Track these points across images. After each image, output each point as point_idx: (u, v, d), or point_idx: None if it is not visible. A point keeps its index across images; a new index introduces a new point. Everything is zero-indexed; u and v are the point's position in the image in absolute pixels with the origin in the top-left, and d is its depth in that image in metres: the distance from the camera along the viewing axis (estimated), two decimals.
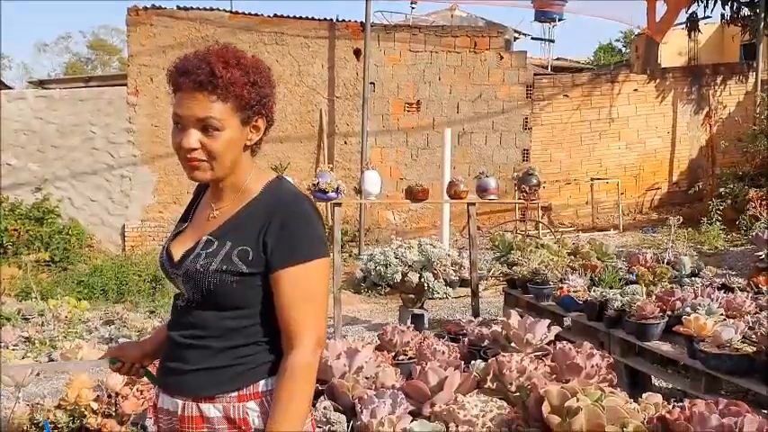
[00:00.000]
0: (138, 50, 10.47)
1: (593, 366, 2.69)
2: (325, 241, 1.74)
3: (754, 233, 6.56)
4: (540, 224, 10.63)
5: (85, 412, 2.95)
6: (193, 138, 1.61)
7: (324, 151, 10.82)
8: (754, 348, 3.15)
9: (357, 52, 10.86)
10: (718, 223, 9.35)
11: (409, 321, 5.37)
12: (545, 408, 2.22)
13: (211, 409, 1.69)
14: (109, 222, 10.68)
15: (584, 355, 2.73)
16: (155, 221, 10.56)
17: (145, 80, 10.43)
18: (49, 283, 8.33)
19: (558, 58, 21.21)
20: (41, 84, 13.96)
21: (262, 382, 1.72)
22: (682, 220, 8.57)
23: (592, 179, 11.64)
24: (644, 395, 2.44)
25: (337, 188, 5.16)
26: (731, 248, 8.91)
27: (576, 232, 10.66)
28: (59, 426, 2.92)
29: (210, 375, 1.71)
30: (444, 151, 9.11)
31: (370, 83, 10.83)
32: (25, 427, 2.93)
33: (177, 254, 1.74)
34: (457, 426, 2.35)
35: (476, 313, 5.48)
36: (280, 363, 1.76)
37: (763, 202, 3.68)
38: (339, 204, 5.37)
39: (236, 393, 1.69)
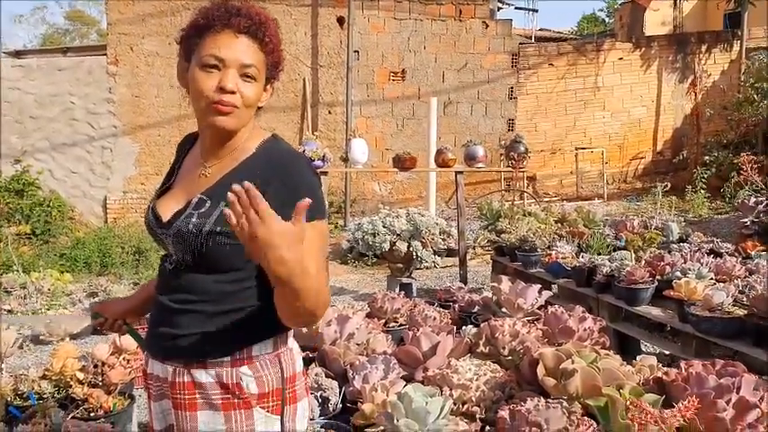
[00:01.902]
0: (117, 18, 10.22)
1: (585, 330, 2.67)
2: (325, 202, 1.70)
3: (739, 200, 6.58)
4: (526, 194, 10.63)
5: (71, 382, 2.89)
6: (234, 80, 1.57)
7: (308, 121, 10.70)
8: (746, 311, 3.16)
9: (341, 20, 10.70)
10: (702, 191, 9.40)
11: (398, 290, 5.35)
12: (540, 370, 2.20)
13: (203, 375, 1.64)
14: (90, 194, 10.53)
15: (576, 319, 2.71)
16: (137, 193, 10.43)
17: (125, 49, 10.20)
18: (30, 255, 8.21)
19: (541, 29, 21.07)
20: (18, 54, 13.63)
21: (255, 347, 1.67)
22: (668, 186, 8.62)
23: (576, 149, 11.64)
24: (638, 357, 2.43)
25: (323, 156, 5.09)
26: (715, 216, 8.96)
27: (560, 202, 10.66)
28: (44, 396, 2.87)
29: (202, 341, 1.66)
30: (430, 121, 9.04)
31: (355, 51, 10.70)
32: (9, 399, 2.87)
33: (166, 214, 1.67)
34: (451, 389, 2.32)
35: (464, 281, 5.47)
36: (273, 327, 1.72)
37: (755, 166, 3.67)
38: (325, 173, 5.31)
39: (228, 358, 1.65)
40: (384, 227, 5.33)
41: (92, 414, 2.73)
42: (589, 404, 2.06)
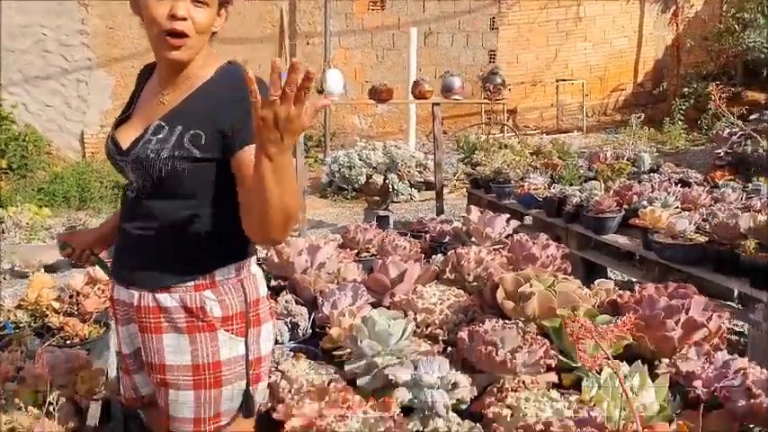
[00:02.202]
0: None
1: (548, 256, 2.75)
2: None
3: (714, 131, 6.65)
4: (506, 127, 10.61)
5: (47, 312, 2.95)
6: (185, 7, 1.55)
7: (285, 52, 10.51)
8: (707, 238, 3.25)
9: None
10: (680, 123, 9.43)
11: (374, 223, 5.40)
12: (500, 294, 2.27)
13: (168, 299, 1.69)
14: (67, 128, 10.37)
15: (539, 246, 2.78)
16: None
17: None
18: (7, 190, 8.17)
19: None
20: None
21: (218, 272, 1.72)
22: (644, 118, 8.63)
23: (557, 81, 11.56)
24: (596, 282, 2.51)
25: None
26: (692, 148, 9.03)
27: (540, 134, 10.67)
28: (21, 325, 2.92)
29: (165, 266, 1.70)
30: (410, 52, 8.93)
31: None
32: None
33: (125, 141, 1.69)
34: (415, 314, 2.40)
35: (440, 214, 5.53)
36: (235, 252, 1.76)
37: (723, 96, 3.70)
38: None
39: (192, 283, 1.69)
40: (360, 160, 5.34)
41: (68, 342, 2.79)
42: (544, 325, 2.15)
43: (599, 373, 1.85)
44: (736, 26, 10.21)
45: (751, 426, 1.69)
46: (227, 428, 1.80)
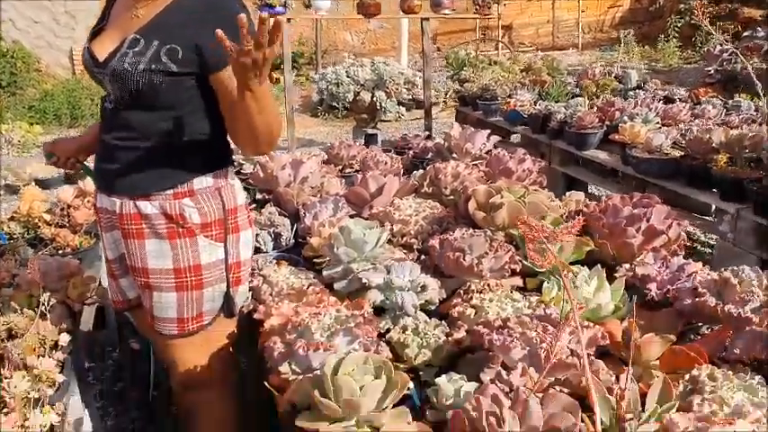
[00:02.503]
0: None
1: (524, 170, 2.82)
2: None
3: (705, 49, 6.61)
4: (501, 44, 10.50)
5: (39, 223, 3.04)
6: None
7: None
8: (682, 153, 3.32)
9: None
10: (674, 40, 9.34)
11: (362, 141, 5.45)
12: (471, 204, 2.36)
13: (148, 207, 1.78)
14: (56, 45, 10.25)
15: (516, 160, 2.85)
16: None
17: None
18: None
19: None
20: None
21: (196, 180, 1.80)
22: (639, 36, 8.53)
23: None
24: (567, 193, 2.60)
25: (285, 2, 5.00)
26: (685, 65, 8.99)
27: (535, 51, 10.56)
28: (15, 236, 3.03)
29: (145, 175, 1.78)
30: None
31: None
32: None
33: (101, 53, 1.74)
34: (392, 224, 2.50)
35: (429, 132, 5.56)
36: (212, 162, 1.84)
37: (706, 11, 3.68)
38: (288, 20, 5.23)
39: (171, 191, 1.78)
40: (348, 77, 5.33)
41: (60, 252, 2.90)
42: (512, 233, 2.25)
43: (553, 275, 1.96)
44: None
45: (695, 322, 1.81)
46: (209, 327, 1.93)
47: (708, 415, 1.32)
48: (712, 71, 6.36)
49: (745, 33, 7.40)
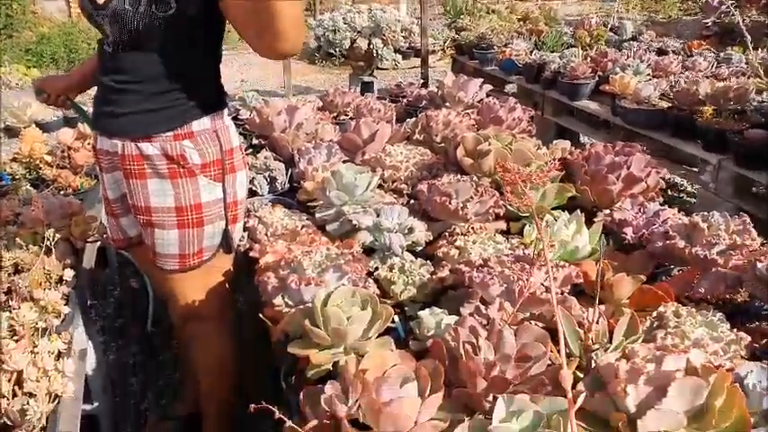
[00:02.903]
0: None
1: (514, 119, 2.89)
2: None
3: (703, 1, 6.60)
4: None
5: (40, 164, 3.12)
6: None
7: None
8: (669, 104, 3.39)
9: None
10: None
11: (359, 88, 5.48)
12: (460, 151, 2.45)
13: (149, 148, 1.85)
14: None
15: (506, 109, 2.92)
16: None
17: None
18: None
19: None
20: None
21: (195, 123, 1.87)
22: None
23: None
24: (554, 141, 2.67)
25: None
26: (684, 17, 8.94)
27: (535, 1, 10.46)
28: (17, 177, 3.11)
29: (145, 117, 1.85)
30: None
31: None
32: None
33: None
34: (383, 170, 2.58)
35: (425, 81, 5.60)
36: (210, 105, 1.91)
37: None
38: None
39: (171, 133, 1.85)
40: (345, 23, 5.33)
41: (61, 192, 2.98)
42: (498, 179, 2.33)
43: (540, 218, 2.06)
44: None
45: (666, 264, 1.92)
46: (208, 263, 2.03)
47: (667, 345, 1.43)
48: (710, 23, 6.35)
49: None
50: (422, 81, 4.61)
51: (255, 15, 1.52)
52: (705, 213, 1.87)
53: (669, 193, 3.99)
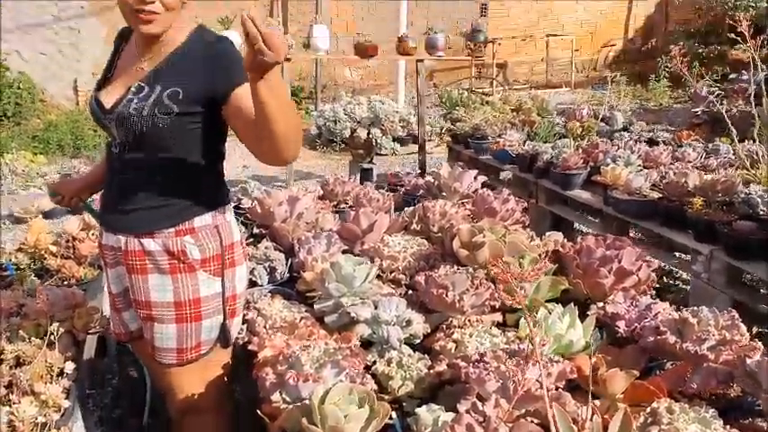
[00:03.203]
0: None
1: (507, 210, 2.97)
2: None
3: (692, 90, 6.81)
4: (495, 81, 10.74)
5: (45, 255, 3.18)
6: None
7: (277, 3, 10.55)
8: (659, 195, 3.48)
9: None
10: (665, 80, 9.58)
11: (358, 175, 5.62)
12: (455, 243, 2.51)
13: (152, 244, 1.92)
14: (60, 76, 10.45)
15: (500, 200, 3.01)
16: None
17: None
18: (3, 138, 8.32)
19: None
20: None
21: (197, 219, 1.95)
22: (629, 75, 8.74)
23: (548, 35, 11.64)
24: (547, 233, 2.74)
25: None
26: (675, 105, 9.21)
27: (529, 89, 10.81)
28: (21, 267, 3.16)
29: (149, 214, 1.92)
30: (401, 5, 8.99)
31: None
32: None
33: (108, 102, 1.89)
34: (381, 260, 2.64)
35: (422, 168, 5.74)
36: (212, 202, 1.99)
37: (685, 60, 3.88)
38: (288, 59, 5.42)
39: (173, 229, 1.92)
40: (345, 114, 5.52)
41: (65, 283, 3.03)
42: (499, 270, 2.39)
43: (531, 312, 2.10)
44: None
45: (659, 358, 1.95)
46: (206, 357, 2.06)
47: None
48: (699, 112, 6.55)
49: (732, 76, 7.62)
50: (419, 171, 4.73)
51: (255, 126, 1.64)
52: (695, 309, 1.92)
53: (665, 280, 4.03)
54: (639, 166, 3.95)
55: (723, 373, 1.75)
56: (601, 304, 2.23)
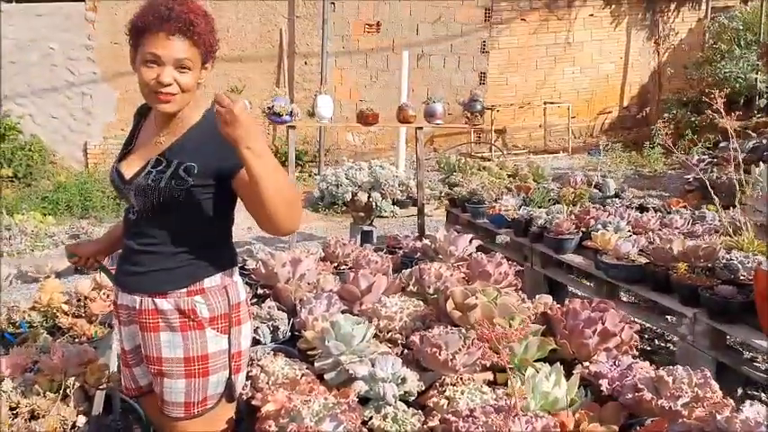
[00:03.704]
0: None
1: (500, 273, 3.13)
2: None
3: (685, 157, 7.05)
4: (494, 147, 11.03)
5: (57, 313, 3.32)
6: (168, 73, 1.90)
7: (284, 72, 10.94)
8: (646, 260, 3.63)
9: None
10: (659, 147, 9.84)
11: (359, 237, 5.79)
12: (449, 304, 2.66)
13: (164, 303, 2.06)
14: (71, 139, 10.76)
15: (493, 264, 3.17)
16: (116, 139, 10.64)
17: None
18: (13, 198, 8.53)
19: None
20: None
21: (206, 280, 2.09)
22: (625, 141, 8.98)
23: (545, 103, 12.00)
24: (537, 296, 2.89)
25: (291, 111, 5.45)
26: (669, 171, 9.44)
27: (527, 154, 11.09)
28: (34, 325, 3.29)
29: (163, 275, 2.07)
30: (402, 74, 9.34)
31: (331, 2, 10.87)
32: (4, 327, 3.30)
33: (128, 173, 2.07)
34: (379, 320, 2.78)
35: (421, 230, 5.90)
36: (221, 264, 2.14)
37: (668, 132, 4.09)
38: (293, 127, 5.67)
39: (185, 290, 2.06)
40: (347, 178, 5.73)
41: (76, 340, 3.16)
42: (484, 331, 2.52)
43: (520, 371, 2.23)
44: (714, 56, 10.65)
45: (638, 415, 2.07)
46: (212, 410, 2.18)
47: None
48: (691, 179, 6.75)
49: (722, 144, 7.87)
50: (417, 233, 4.90)
51: (257, 198, 1.81)
52: (671, 368, 2.05)
53: (656, 342, 4.14)
54: (629, 231, 4.11)
55: (696, 429, 1.87)
56: (586, 363, 2.36)
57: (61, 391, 2.33)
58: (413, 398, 2.33)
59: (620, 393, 2.09)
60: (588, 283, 4.22)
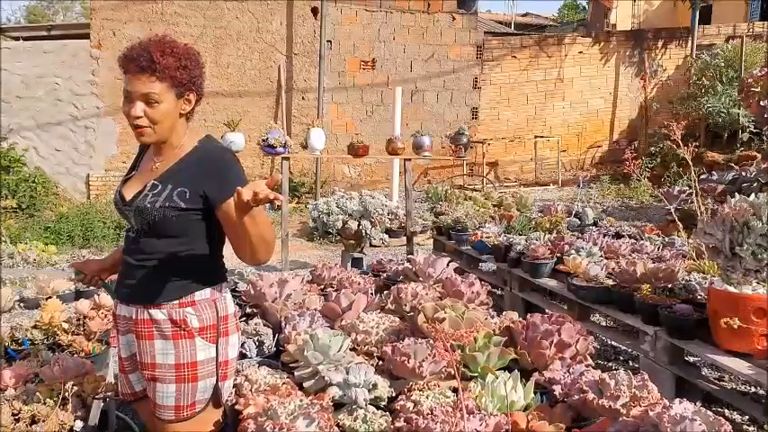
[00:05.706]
0: (100, 5, 10.73)
1: (473, 292, 3.35)
2: (245, 179, 2.24)
3: (664, 189, 7.31)
4: (485, 179, 11.31)
5: (58, 331, 3.53)
6: (138, 108, 2.13)
7: (282, 106, 11.28)
8: (614, 282, 3.86)
9: (314, 10, 11.25)
10: (645, 179, 10.13)
11: (349, 264, 6.00)
12: (420, 318, 2.87)
13: (158, 314, 2.28)
14: (74, 171, 11.06)
15: (466, 284, 3.39)
16: (118, 171, 10.96)
17: (107, 34, 10.72)
18: (17, 228, 8.76)
19: (525, 14, 21.70)
20: (1, 32, 14.03)
21: (197, 293, 2.31)
22: (614, 174, 9.23)
23: (536, 137, 12.32)
24: (504, 313, 3.11)
25: (285, 143, 5.72)
26: (654, 203, 9.70)
27: (519, 186, 11.36)
28: (36, 342, 3.50)
29: (157, 288, 2.29)
30: (395, 108, 9.65)
31: (327, 41, 11.26)
32: (7, 344, 3.51)
33: (128, 195, 2.31)
34: (357, 335, 2.99)
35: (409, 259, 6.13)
36: (211, 279, 2.36)
37: (636, 163, 4.34)
38: (287, 158, 5.94)
39: (177, 301, 2.28)
40: (338, 207, 5.97)
41: (75, 356, 3.36)
42: (451, 342, 2.74)
43: (483, 378, 2.45)
44: (698, 92, 11.00)
45: (583, 415, 2.28)
46: (200, 414, 2.38)
47: None
48: (672, 210, 6.98)
49: (703, 176, 8.12)
50: (399, 259, 5.11)
51: (240, 235, 2.07)
52: (614, 372, 2.26)
53: (621, 359, 4.35)
54: (601, 256, 4.33)
55: (633, 425, 2.07)
56: (544, 371, 2.57)
57: (60, 399, 2.52)
58: (383, 403, 2.53)
59: (568, 396, 2.29)
60: (563, 306, 4.44)
